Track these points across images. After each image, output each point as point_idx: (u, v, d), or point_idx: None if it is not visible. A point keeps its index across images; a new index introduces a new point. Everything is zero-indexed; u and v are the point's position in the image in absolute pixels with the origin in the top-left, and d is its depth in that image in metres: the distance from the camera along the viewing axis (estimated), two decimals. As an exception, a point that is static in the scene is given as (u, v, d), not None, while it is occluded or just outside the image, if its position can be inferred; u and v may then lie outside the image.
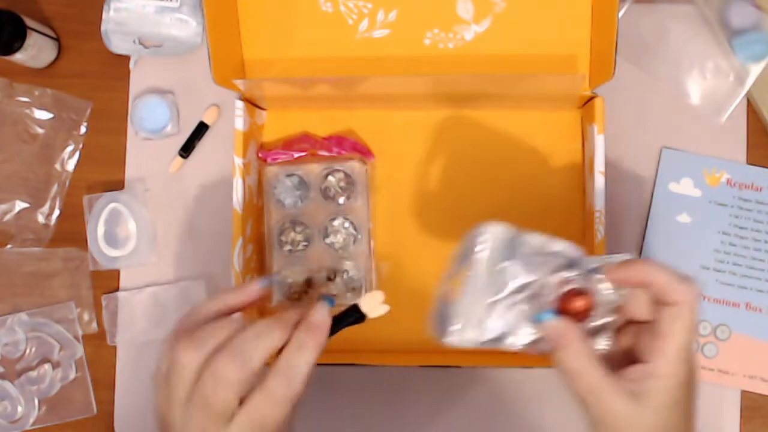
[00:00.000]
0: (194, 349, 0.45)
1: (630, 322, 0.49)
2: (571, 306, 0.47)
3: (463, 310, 0.48)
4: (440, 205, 0.70)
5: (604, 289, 0.48)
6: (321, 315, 0.48)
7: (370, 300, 0.50)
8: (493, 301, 0.48)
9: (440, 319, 0.49)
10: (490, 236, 0.48)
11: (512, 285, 0.48)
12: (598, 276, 0.48)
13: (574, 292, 0.47)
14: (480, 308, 0.48)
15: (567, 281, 0.47)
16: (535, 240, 0.48)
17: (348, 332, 0.71)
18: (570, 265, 0.48)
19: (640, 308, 0.48)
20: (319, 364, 0.65)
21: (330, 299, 0.49)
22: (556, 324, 0.47)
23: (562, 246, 0.48)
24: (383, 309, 0.50)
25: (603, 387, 0.45)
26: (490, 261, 0.48)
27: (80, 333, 0.73)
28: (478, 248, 0.48)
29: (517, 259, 0.48)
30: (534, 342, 0.49)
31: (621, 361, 0.47)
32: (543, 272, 0.48)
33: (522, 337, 0.48)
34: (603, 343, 0.49)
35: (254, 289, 0.50)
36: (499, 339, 0.49)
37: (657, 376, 0.45)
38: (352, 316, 0.50)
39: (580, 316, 0.47)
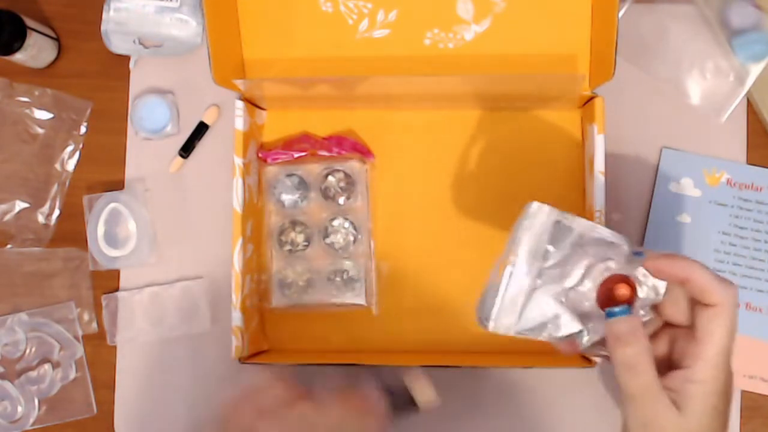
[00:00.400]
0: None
1: (666, 326, 0.49)
2: (614, 293, 0.47)
3: (503, 296, 0.47)
4: (440, 205, 0.70)
5: (646, 283, 0.47)
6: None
7: (421, 390, 0.55)
8: (533, 288, 0.47)
9: (483, 305, 0.48)
10: (534, 220, 0.47)
11: (554, 271, 0.47)
12: (642, 270, 0.47)
13: (617, 278, 0.47)
14: (520, 295, 0.47)
15: (610, 268, 0.47)
16: (580, 224, 0.47)
17: (348, 332, 0.71)
18: (613, 253, 0.47)
19: (678, 310, 0.48)
20: (319, 365, 0.65)
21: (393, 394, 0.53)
22: (627, 319, 0.46)
23: (606, 233, 0.48)
24: (432, 395, 0.55)
25: (655, 388, 0.45)
26: (533, 245, 0.47)
27: (80, 333, 0.73)
28: (521, 232, 0.47)
29: (560, 243, 0.47)
30: (571, 335, 0.48)
31: (659, 368, 0.47)
32: (586, 258, 0.47)
33: (563, 328, 0.48)
34: None
35: None
36: (537, 329, 0.48)
37: (696, 381, 0.45)
38: (409, 409, 0.54)
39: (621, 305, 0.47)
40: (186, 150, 0.73)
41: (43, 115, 0.75)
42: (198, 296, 0.72)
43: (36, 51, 0.72)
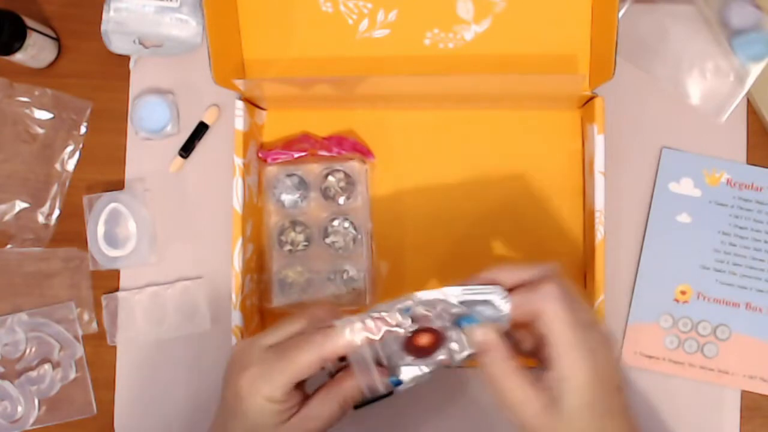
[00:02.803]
0: None
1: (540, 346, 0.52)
2: (416, 342, 0.51)
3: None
4: (440, 205, 0.70)
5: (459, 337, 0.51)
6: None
7: None
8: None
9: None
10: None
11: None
12: (455, 309, 0.50)
13: (420, 332, 0.50)
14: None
15: (420, 320, 0.50)
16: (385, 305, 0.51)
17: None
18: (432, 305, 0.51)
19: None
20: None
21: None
22: (476, 329, 0.50)
23: (421, 295, 0.51)
24: None
25: (522, 392, 0.48)
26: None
27: (80, 333, 0.73)
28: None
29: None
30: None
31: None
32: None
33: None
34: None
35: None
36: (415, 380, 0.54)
37: (561, 379, 0.47)
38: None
39: (430, 349, 0.51)
40: (186, 150, 0.73)
41: (43, 115, 0.75)
42: (198, 296, 0.72)
43: (36, 51, 0.72)
